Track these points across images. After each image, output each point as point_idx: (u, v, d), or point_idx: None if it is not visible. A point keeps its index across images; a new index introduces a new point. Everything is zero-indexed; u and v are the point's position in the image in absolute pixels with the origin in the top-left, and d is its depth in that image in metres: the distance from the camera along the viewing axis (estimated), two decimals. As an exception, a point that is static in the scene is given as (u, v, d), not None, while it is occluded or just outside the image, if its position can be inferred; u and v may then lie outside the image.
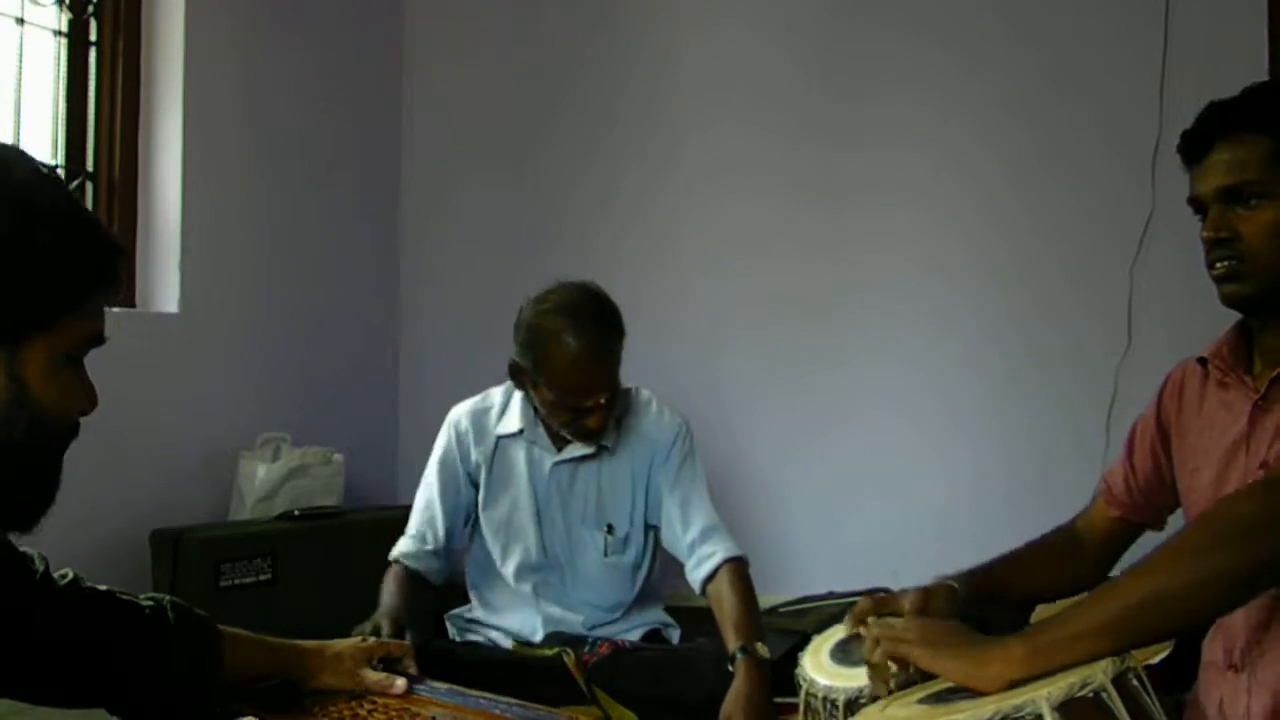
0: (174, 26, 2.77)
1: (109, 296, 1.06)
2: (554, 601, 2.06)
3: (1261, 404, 1.32)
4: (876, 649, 1.18)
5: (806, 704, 1.29)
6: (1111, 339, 2.60)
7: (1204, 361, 1.43)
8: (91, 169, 2.73)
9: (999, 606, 1.48)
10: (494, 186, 3.34)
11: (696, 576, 1.98)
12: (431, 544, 2.04)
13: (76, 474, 1.07)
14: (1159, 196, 2.52)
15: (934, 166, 2.80)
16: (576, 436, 1.99)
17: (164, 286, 2.77)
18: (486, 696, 1.51)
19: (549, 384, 1.90)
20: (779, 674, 1.69)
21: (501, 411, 2.08)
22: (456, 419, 2.10)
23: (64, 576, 1.27)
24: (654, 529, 2.09)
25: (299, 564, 2.59)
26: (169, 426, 2.69)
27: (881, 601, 1.39)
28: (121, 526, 2.49)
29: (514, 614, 2.08)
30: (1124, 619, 1.07)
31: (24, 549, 1.21)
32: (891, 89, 2.85)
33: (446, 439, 2.09)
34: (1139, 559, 1.15)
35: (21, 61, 2.59)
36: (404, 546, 2.05)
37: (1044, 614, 1.20)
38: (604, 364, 1.90)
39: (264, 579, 2.53)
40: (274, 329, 3.03)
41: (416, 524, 2.07)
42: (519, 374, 1.96)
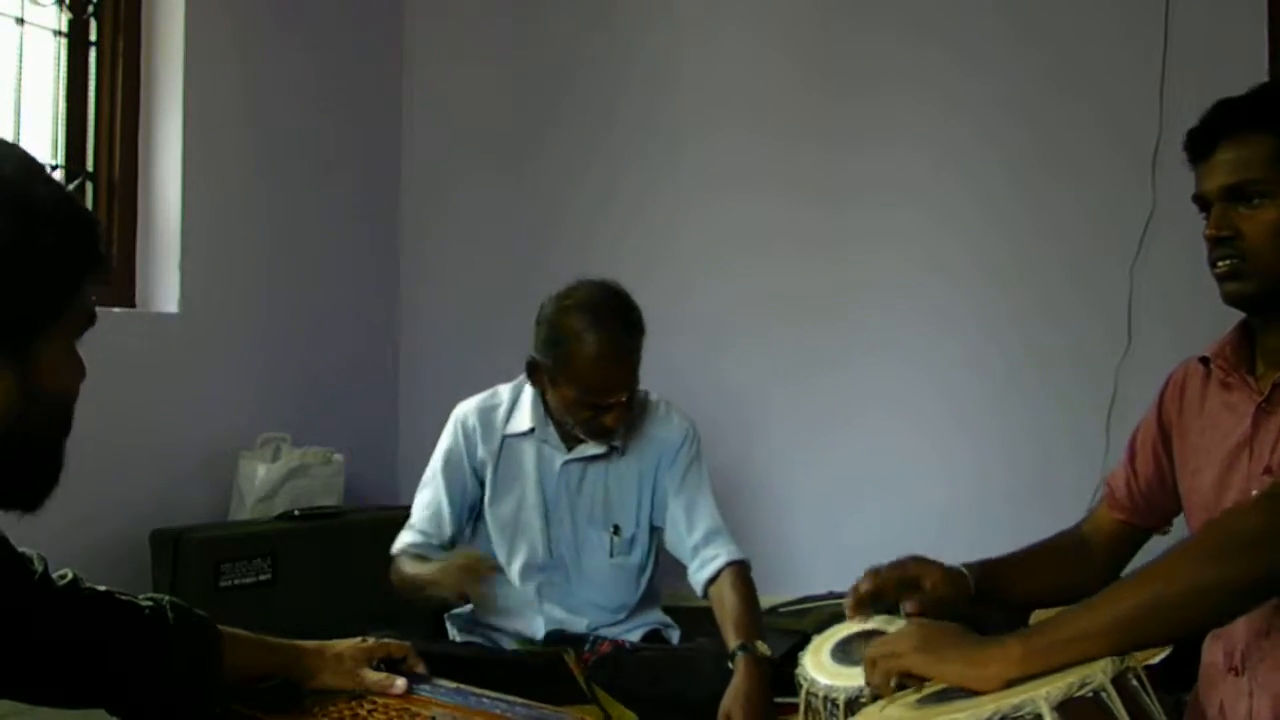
0: (174, 26, 2.77)
1: (99, 276, 1.07)
2: (558, 603, 2.06)
3: (1265, 406, 1.32)
4: (875, 671, 1.18)
5: (807, 703, 1.29)
6: (1111, 339, 2.60)
7: (1205, 361, 1.42)
8: (91, 169, 2.73)
9: (996, 608, 1.48)
10: (494, 186, 3.34)
11: (699, 579, 1.98)
12: (435, 539, 2.03)
13: (76, 474, 1.07)
14: (1159, 196, 2.52)
15: (934, 166, 2.81)
16: (593, 435, 1.99)
17: (164, 286, 2.77)
18: (491, 696, 1.50)
19: (570, 381, 1.90)
20: (779, 674, 1.70)
21: (510, 409, 2.07)
22: (463, 416, 2.08)
23: (63, 577, 1.26)
24: (658, 530, 2.09)
25: (299, 564, 2.59)
26: (169, 426, 2.69)
27: (901, 567, 1.42)
28: (121, 526, 2.49)
29: (517, 615, 2.06)
30: (1122, 623, 1.06)
31: (23, 550, 1.21)
32: (891, 89, 2.85)
33: (453, 435, 2.07)
34: (1142, 564, 1.15)
35: (21, 61, 2.59)
36: (407, 539, 2.03)
37: (1042, 618, 1.19)
38: (625, 362, 1.91)
39: (264, 579, 2.53)
40: (274, 329, 3.03)
41: (420, 519, 2.05)
42: (537, 371, 1.96)
